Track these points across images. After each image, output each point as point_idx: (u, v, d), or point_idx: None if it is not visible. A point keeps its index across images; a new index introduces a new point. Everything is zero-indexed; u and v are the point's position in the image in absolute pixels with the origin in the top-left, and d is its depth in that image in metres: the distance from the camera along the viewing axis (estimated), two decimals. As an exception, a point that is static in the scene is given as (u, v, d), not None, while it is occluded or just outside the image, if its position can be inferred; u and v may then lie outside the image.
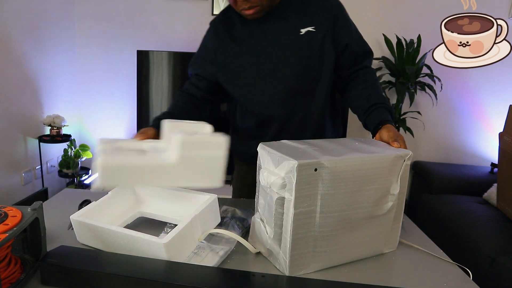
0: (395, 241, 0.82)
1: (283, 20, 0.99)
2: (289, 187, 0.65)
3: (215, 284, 0.61)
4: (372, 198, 0.72)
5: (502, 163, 1.78)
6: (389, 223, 0.78)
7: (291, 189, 0.64)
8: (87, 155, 2.54)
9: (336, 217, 0.69)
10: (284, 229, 0.68)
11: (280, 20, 0.99)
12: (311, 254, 0.70)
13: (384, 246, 0.80)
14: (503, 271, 1.54)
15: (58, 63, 2.49)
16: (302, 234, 0.67)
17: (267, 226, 0.71)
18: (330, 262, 0.73)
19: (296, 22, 0.98)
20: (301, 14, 0.99)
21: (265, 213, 0.72)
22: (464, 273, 0.75)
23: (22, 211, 0.63)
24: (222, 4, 2.49)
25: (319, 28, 0.97)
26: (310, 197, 0.66)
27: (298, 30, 0.97)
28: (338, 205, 0.69)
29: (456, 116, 2.63)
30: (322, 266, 0.72)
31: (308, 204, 0.66)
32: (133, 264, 0.65)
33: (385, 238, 0.79)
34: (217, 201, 0.80)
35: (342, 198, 0.68)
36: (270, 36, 0.99)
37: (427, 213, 2.23)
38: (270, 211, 0.69)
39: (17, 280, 0.61)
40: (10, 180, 2.16)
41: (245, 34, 1.02)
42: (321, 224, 0.68)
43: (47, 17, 2.34)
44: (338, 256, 0.73)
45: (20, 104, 2.19)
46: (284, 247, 0.68)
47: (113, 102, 2.69)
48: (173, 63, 2.45)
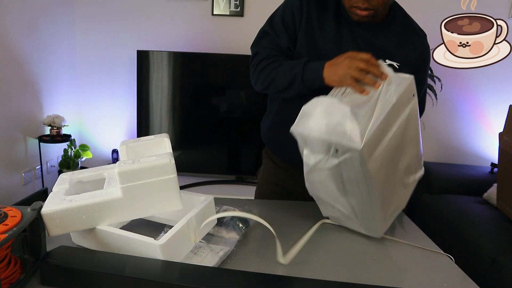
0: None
1: (375, 38, 0.94)
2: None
3: (215, 284, 0.61)
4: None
5: (502, 163, 1.78)
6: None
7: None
8: (87, 155, 2.54)
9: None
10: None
11: (373, 36, 0.94)
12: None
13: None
14: (503, 271, 1.54)
15: (58, 63, 2.48)
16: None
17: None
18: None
19: (386, 48, 0.94)
20: (395, 43, 0.95)
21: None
22: (464, 273, 0.75)
23: (22, 211, 0.63)
24: (222, 4, 2.49)
25: (402, 68, 0.92)
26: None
27: (384, 58, 0.90)
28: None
29: (456, 116, 2.63)
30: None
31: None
32: (133, 264, 0.65)
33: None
34: (214, 202, 0.80)
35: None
36: (353, 46, 0.93)
37: (427, 213, 2.23)
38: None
39: (17, 280, 0.61)
40: (10, 180, 2.16)
41: (332, 28, 0.95)
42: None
43: (47, 17, 2.34)
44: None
45: (20, 104, 2.19)
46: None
47: (113, 102, 2.69)
48: (173, 63, 2.45)
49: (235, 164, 2.60)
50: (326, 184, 0.82)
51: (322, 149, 0.76)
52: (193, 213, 0.72)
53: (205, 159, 2.61)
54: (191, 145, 2.59)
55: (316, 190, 0.87)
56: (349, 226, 0.90)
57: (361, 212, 0.83)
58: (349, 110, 0.73)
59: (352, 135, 0.70)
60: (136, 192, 0.69)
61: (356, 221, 0.87)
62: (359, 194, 0.79)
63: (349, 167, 0.74)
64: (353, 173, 0.75)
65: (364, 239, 0.89)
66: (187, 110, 2.55)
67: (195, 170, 2.59)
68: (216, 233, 0.81)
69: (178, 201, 0.72)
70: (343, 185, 0.79)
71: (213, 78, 2.55)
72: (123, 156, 0.79)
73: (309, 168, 0.81)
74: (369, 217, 0.83)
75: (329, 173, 0.79)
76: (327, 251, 0.80)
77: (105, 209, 0.69)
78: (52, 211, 0.66)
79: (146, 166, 0.68)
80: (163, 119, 2.53)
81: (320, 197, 0.88)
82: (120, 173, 0.67)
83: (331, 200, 0.86)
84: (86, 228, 0.70)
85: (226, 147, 2.61)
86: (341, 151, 0.73)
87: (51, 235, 0.68)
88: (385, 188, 0.81)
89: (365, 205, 0.81)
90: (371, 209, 0.81)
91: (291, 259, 0.74)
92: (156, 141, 0.82)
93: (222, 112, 2.53)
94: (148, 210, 0.72)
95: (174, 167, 0.69)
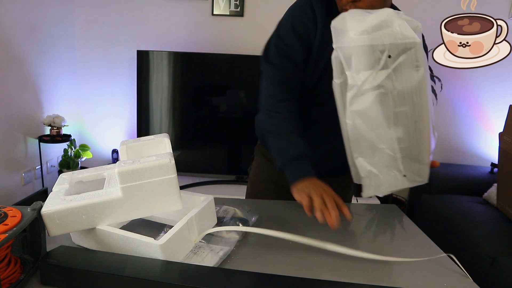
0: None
1: None
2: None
3: (215, 284, 0.61)
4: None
5: (502, 163, 1.78)
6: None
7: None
8: (87, 155, 2.54)
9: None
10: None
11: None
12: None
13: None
14: (503, 271, 1.54)
15: (58, 63, 2.48)
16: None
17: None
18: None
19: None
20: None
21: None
22: (464, 273, 0.75)
23: (22, 211, 0.63)
24: (222, 4, 2.49)
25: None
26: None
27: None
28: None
29: (456, 116, 2.63)
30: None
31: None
32: (132, 264, 0.65)
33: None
34: (213, 202, 0.80)
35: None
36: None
37: (427, 213, 2.23)
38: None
39: (17, 281, 0.61)
40: (10, 180, 2.16)
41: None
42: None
43: (47, 17, 2.34)
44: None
45: (20, 104, 2.19)
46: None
47: (113, 102, 2.69)
48: (173, 63, 2.45)
49: (235, 164, 2.60)
50: (371, 113, 0.74)
51: (369, 61, 0.70)
52: (193, 213, 0.72)
53: (205, 159, 2.61)
54: (191, 145, 2.59)
55: (356, 129, 0.78)
56: (387, 187, 0.82)
57: (410, 145, 0.76)
58: (388, 10, 0.68)
59: (404, 31, 0.65)
60: (136, 192, 0.69)
61: (400, 167, 0.79)
62: (411, 115, 0.73)
63: (403, 74, 0.69)
64: (407, 82, 0.69)
65: (364, 239, 0.89)
66: (187, 110, 2.55)
67: (195, 170, 2.59)
68: (216, 233, 0.81)
69: (178, 201, 0.72)
70: (393, 105, 0.73)
71: (213, 78, 2.55)
72: (123, 156, 0.79)
73: (355, 92, 0.73)
74: (418, 150, 0.77)
75: (377, 94, 0.72)
76: (327, 251, 0.80)
77: (105, 209, 0.69)
78: (52, 211, 0.66)
79: (146, 166, 0.68)
80: (163, 119, 2.53)
81: (360, 138, 0.79)
82: (120, 173, 0.67)
83: (374, 138, 0.77)
84: (86, 228, 0.70)
85: (226, 147, 2.61)
86: (396, 54, 0.67)
87: (51, 235, 0.68)
88: (429, 115, 0.75)
89: (415, 131, 0.75)
90: (421, 136, 0.75)
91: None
92: (156, 141, 0.82)
93: (222, 112, 2.53)
94: (148, 210, 0.72)
95: (174, 167, 0.70)
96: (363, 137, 0.79)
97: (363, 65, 0.71)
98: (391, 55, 0.68)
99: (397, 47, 0.67)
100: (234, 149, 2.60)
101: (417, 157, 0.79)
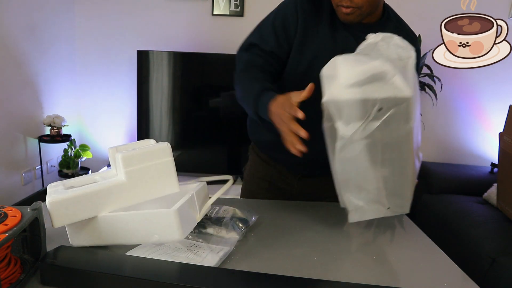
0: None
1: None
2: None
3: (215, 284, 0.61)
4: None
5: (502, 163, 1.78)
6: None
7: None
8: (87, 155, 2.54)
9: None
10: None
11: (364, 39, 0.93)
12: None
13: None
14: (503, 271, 1.54)
15: (58, 63, 2.49)
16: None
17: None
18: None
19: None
20: None
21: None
22: (464, 273, 0.75)
23: (22, 211, 0.63)
24: (222, 4, 2.49)
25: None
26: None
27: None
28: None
29: (456, 116, 2.63)
30: None
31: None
32: (133, 264, 0.65)
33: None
34: (206, 186, 0.86)
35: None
36: (348, 47, 0.91)
37: (427, 213, 2.23)
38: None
39: (17, 280, 0.61)
40: (10, 180, 2.16)
41: (327, 31, 0.94)
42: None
43: (47, 17, 2.34)
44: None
45: (20, 104, 2.19)
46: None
47: (113, 102, 2.69)
48: (173, 63, 2.45)
49: (235, 164, 2.60)
50: (359, 159, 0.76)
51: (359, 113, 0.69)
52: (193, 190, 0.77)
53: (205, 159, 2.61)
54: (191, 145, 2.59)
55: (345, 172, 0.80)
56: (371, 215, 0.85)
57: (394, 184, 0.78)
58: (381, 60, 0.66)
59: (397, 84, 0.64)
60: (139, 176, 0.74)
61: (384, 201, 0.81)
62: (396, 160, 0.74)
63: (393, 125, 0.68)
64: (396, 133, 0.69)
65: (364, 240, 0.89)
66: (187, 110, 2.55)
67: (195, 170, 2.59)
68: (216, 233, 0.81)
69: (176, 183, 0.77)
70: (381, 152, 0.74)
71: (213, 78, 2.55)
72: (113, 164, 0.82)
73: (344, 142, 0.74)
74: (402, 188, 0.79)
75: (366, 143, 0.73)
76: (327, 251, 0.80)
77: (110, 195, 0.72)
78: (60, 199, 0.68)
79: (147, 151, 0.74)
80: (163, 119, 2.53)
81: (349, 179, 0.82)
82: (124, 158, 0.72)
83: (360, 180, 0.80)
84: (91, 216, 0.71)
85: (226, 147, 2.61)
86: (387, 107, 0.67)
87: (55, 226, 0.68)
88: (414, 156, 0.77)
89: (400, 173, 0.76)
90: (406, 176, 0.77)
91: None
92: (142, 142, 0.85)
93: (222, 112, 2.53)
94: (150, 193, 0.76)
95: (171, 151, 0.76)
96: (351, 179, 0.82)
97: (354, 117, 0.71)
98: (382, 108, 0.68)
99: (389, 101, 0.67)
100: (233, 149, 2.59)
101: (401, 194, 0.82)
